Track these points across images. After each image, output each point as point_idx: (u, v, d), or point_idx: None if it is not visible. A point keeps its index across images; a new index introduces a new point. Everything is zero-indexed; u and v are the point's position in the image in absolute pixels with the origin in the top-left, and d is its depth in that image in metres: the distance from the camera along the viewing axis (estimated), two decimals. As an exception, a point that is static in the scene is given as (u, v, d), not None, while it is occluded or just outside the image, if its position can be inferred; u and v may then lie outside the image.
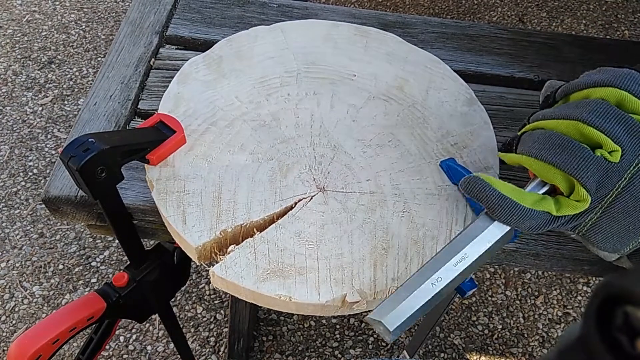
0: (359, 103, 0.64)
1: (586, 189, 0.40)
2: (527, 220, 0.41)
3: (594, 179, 0.40)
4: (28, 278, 1.31)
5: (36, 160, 1.51)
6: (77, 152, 0.46)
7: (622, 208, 0.40)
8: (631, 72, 0.40)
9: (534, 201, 0.42)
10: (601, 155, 0.40)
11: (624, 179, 0.40)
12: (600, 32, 2.01)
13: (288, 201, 0.54)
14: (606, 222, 0.41)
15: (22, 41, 1.80)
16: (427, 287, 0.42)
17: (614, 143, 0.39)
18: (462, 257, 0.43)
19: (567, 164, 0.40)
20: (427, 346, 1.26)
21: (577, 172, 0.40)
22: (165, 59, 0.78)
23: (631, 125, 0.39)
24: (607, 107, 0.40)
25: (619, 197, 0.40)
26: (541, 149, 0.42)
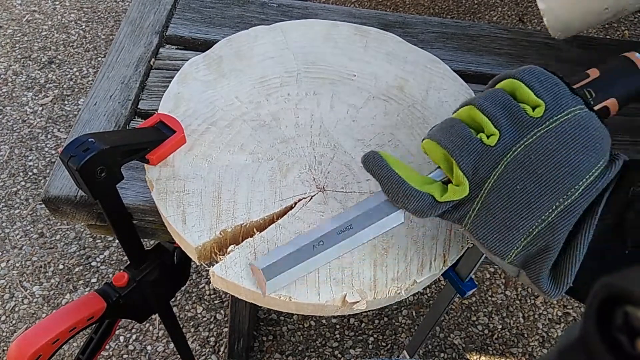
0: (359, 103, 0.64)
1: (462, 172, 0.39)
2: (412, 200, 0.40)
3: (469, 160, 0.39)
4: (28, 278, 1.31)
5: (36, 160, 1.51)
6: (77, 152, 0.46)
7: (498, 199, 0.39)
8: (533, 67, 0.41)
9: (422, 182, 0.41)
10: (479, 137, 0.39)
11: (500, 166, 0.39)
12: (600, 32, 2.01)
13: (288, 201, 0.54)
14: (486, 214, 0.39)
15: (22, 41, 1.81)
16: (309, 248, 0.42)
17: (493, 127, 0.39)
18: (347, 227, 0.43)
19: (446, 142, 0.40)
20: (427, 346, 1.26)
21: (453, 150, 0.40)
22: (165, 59, 0.78)
23: (515, 113, 0.39)
24: (498, 94, 0.40)
25: (495, 186, 0.39)
26: (434, 130, 0.43)
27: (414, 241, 0.52)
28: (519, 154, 0.38)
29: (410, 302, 1.33)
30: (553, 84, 0.40)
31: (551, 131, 0.38)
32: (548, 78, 0.40)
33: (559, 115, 0.38)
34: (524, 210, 0.38)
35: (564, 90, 0.40)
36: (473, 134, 0.40)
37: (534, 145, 0.38)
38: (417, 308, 1.32)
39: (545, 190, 0.38)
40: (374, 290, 0.49)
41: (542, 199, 0.38)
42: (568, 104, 0.39)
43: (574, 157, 0.38)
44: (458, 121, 0.41)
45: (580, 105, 0.39)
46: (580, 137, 0.38)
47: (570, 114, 0.38)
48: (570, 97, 0.39)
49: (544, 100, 0.39)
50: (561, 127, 0.38)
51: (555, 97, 0.39)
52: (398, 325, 1.28)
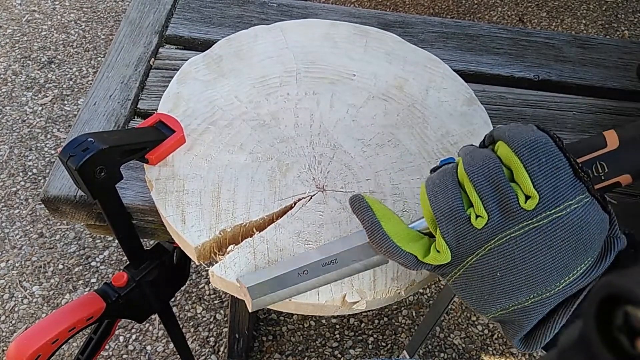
0: (359, 102, 0.63)
1: (445, 242, 0.38)
2: (395, 257, 0.40)
3: (453, 233, 0.38)
4: (28, 278, 1.31)
5: (36, 160, 1.51)
6: (76, 151, 0.46)
7: (478, 277, 0.39)
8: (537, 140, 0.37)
9: (407, 239, 0.41)
10: (469, 215, 0.38)
11: (483, 248, 0.38)
12: (600, 32, 2.01)
13: (287, 201, 0.54)
14: (466, 282, 0.40)
15: (22, 41, 1.80)
16: (293, 275, 0.43)
17: (482, 208, 0.37)
18: (332, 260, 0.43)
19: (436, 208, 0.39)
20: (427, 346, 1.26)
21: (439, 219, 0.39)
22: (164, 59, 0.78)
23: (506, 200, 0.37)
24: (493, 170, 0.37)
25: (476, 265, 0.38)
26: (430, 183, 0.41)
27: (413, 241, 0.52)
28: (503, 244, 0.37)
29: (410, 302, 1.33)
30: (554, 169, 0.36)
31: (539, 229, 0.36)
32: (551, 160, 0.36)
33: (552, 211, 0.36)
34: (501, 292, 0.38)
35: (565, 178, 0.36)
36: (463, 208, 0.38)
37: (519, 240, 0.37)
38: (417, 308, 1.32)
39: (524, 283, 0.37)
40: (373, 290, 0.49)
41: (520, 288, 0.38)
42: (565, 196, 0.36)
43: (559, 259, 0.37)
44: (454, 184, 0.39)
45: (581, 195, 0.36)
46: (569, 239, 0.36)
47: (564, 209, 0.36)
48: (571, 186, 0.36)
49: (540, 192, 0.36)
50: (551, 226, 0.36)
51: (554, 188, 0.36)
52: (398, 325, 1.28)
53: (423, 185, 0.41)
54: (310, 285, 0.44)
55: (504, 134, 0.38)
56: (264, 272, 0.44)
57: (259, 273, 0.44)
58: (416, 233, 0.42)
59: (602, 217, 0.37)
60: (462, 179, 0.39)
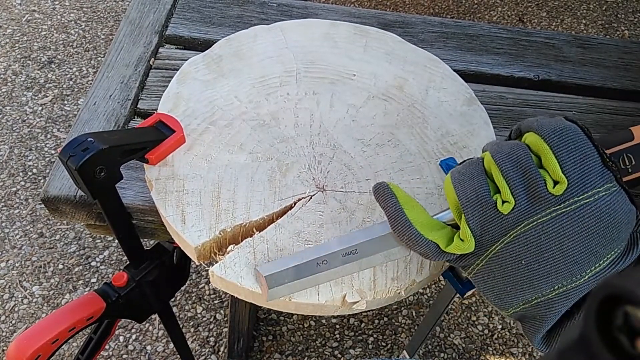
0: (359, 102, 0.63)
1: (470, 229, 0.38)
2: (417, 245, 0.40)
3: (478, 220, 0.38)
4: (28, 278, 1.31)
5: (36, 160, 1.51)
6: (76, 151, 0.46)
7: (502, 266, 0.38)
8: (567, 126, 0.37)
9: (430, 227, 0.40)
10: (495, 200, 0.37)
11: (509, 235, 0.37)
12: (600, 31, 2.01)
13: (287, 201, 0.54)
14: (488, 274, 0.39)
15: (22, 41, 1.80)
16: (312, 265, 0.43)
17: (510, 194, 0.37)
18: (352, 251, 0.43)
19: (462, 194, 0.39)
20: (427, 346, 1.26)
21: (465, 205, 0.38)
22: (164, 59, 0.78)
23: (534, 185, 0.36)
24: (521, 156, 0.37)
25: (500, 253, 0.38)
26: (455, 172, 0.41)
27: (413, 241, 0.52)
28: (529, 230, 0.37)
29: (410, 302, 1.33)
30: (583, 156, 0.36)
31: (567, 214, 0.36)
32: (579, 147, 0.36)
33: (580, 197, 0.36)
34: (525, 282, 0.38)
35: (593, 165, 0.36)
36: (489, 194, 0.38)
37: (546, 226, 0.36)
38: (417, 308, 1.32)
39: (550, 271, 0.37)
40: (373, 290, 0.49)
41: (545, 278, 0.37)
42: (594, 183, 0.36)
43: (586, 246, 0.36)
44: (480, 171, 0.39)
45: (609, 183, 0.36)
46: (597, 226, 0.36)
47: (593, 196, 0.36)
48: (599, 174, 0.36)
49: (568, 177, 0.36)
50: (579, 212, 0.36)
51: (582, 174, 0.36)
52: (398, 325, 1.28)
53: (448, 176, 0.41)
54: (330, 275, 0.43)
55: (533, 124, 0.38)
56: (282, 261, 0.43)
57: (277, 262, 0.43)
58: (440, 223, 0.41)
59: (630, 208, 0.37)
60: (488, 166, 0.39)
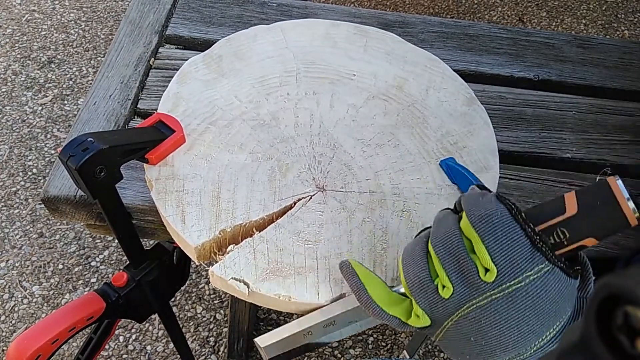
0: (359, 102, 0.63)
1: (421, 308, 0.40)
2: (381, 318, 0.42)
3: (425, 302, 0.40)
4: (28, 278, 1.31)
5: (35, 160, 1.51)
6: (76, 151, 0.46)
7: (457, 339, 0.40)
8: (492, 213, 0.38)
9: (390, 302, 0.43)
10: (436, 284, 0.40)
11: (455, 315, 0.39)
12: (600, 31, 2.01)
13: (287, 201, 0.54)
14: (448, 343, 0.42)
15: (22, 41, 1.80)
16: (299, 337, 0.48)
17: (447, 280, 0.39)
18: (331, 322, 0.48)
19: (407, 279, 0.41)
20: (427, 346, 1.26)
21: (411, 290, 0.41)
22: (164, 59, 0.77)
23: (467, 273, 0.38)
24: (454, 243, 0.39)
25: (452, 329, 0.40)
26: (405, 251, 0.43)
27: (413, 241, 0.52)
28: (470, 312, 0.39)
29: (410, 302, 1.33)
30: (510, 242, 0.37)
31: (501, 299, 0.37)
32: (506, 233, 0.37)
33: (511, 283, 0.37)
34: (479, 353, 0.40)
35: (521, 250, 0.37)
36: (430, 279, 0.40)
37: (484, 309, 0.38)
38: (416, 308, 1.32)
39: (497, 347, 0.39)
40: (373, 290, 0.49)
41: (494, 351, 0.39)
42: (523, 268, 0.37)
43: (524, 326, 0.38)
44: (422, 255, 0.41)
45: (540, 265, 0.37)
46: (532, 308, 0.37)
47: (523, 281, 0.37)
48: (528, 258, 0.37)
49: (497, 265, 0.37)
50: (512, 297, 0.37)
51: (510, 260, 0.37)
52: (398, 325, 1.28)
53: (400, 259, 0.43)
54: (315, 344, 0.49)
55: (465, 204, 0.40)
56: (276, 332, 0.48)
57: (272, 334, 0.48)
58: (398, 296, 0.44)
59: (566, 283, 0.38)
60: (430, 249, 0.41)
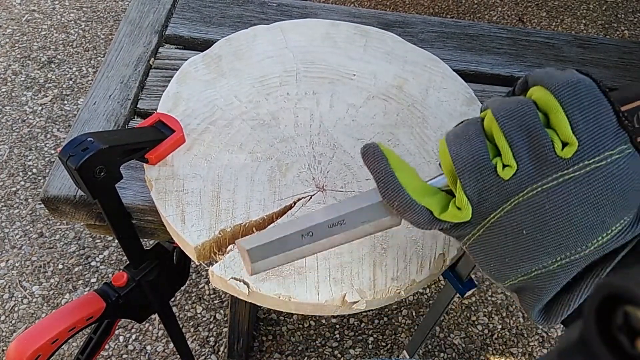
0: (359, 102, 0.63)
1: (467, 197, 0.35)
2: (409, 211, 0.36)
3: (476, 186, 0.35)
4: (27, 278, 1.31)
5: (35, 160, 1.51)
6: (76, 151, 0.46)
7: (501, 235, 0.35)
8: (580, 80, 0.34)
9: (423, 192, 0.37)
10: (495, 164, 0.34)
11: (509, 203, 0.34)
12: (600, 31, 2.01)
13: (287, 200, 0.54)
14: (486, 244, 0.36)
15: (22, 41, 1.80)
16: (297, 237, 0.40)
17: (512, 157, 0.33)
18: (340, 222, 0.40)
19: (457, 158, 0.35)
20: (427, 346, 1.26)
21: (462, 170, 0.35)
22: (164, 59, 0.77)
23: (540, 147, 0.33)
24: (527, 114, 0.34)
25: (500, 222, 0.35)
26: (451, 133, 0.37)
27: (413, 241, 0.52)
28: (533, 197, 0.33)
29: (410, 301, 1.33)
30: (597, 114, 0.33)
31: (576, 180, 0.33)
32: (593, 104, 0.33)
33: (591, 160, 0.32)
34: (525, 253, 0.35)
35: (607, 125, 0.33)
36: (488, 157, 0.34)
37: (552, 193, 0.33)
38: (416, 308, 1.32)
39: (553, 242, 0.34)
40: (373, 289, 0.49)
41: (548, 249, 0.34)
42: (607, 145, 0.33)
43: (594, 215, 0.33)
44: (478, 133, 0.35)
45: (622, 145, 0.33)
46: (608, 193, 0.33)
47: (605, 159, 0.33)
48: (613, 135, 0.33)
49: (579, 139, 0.32)
50: (589, 177, 0.33)
51: (595, 134, 0.32)
52: (398, 325, 1.28)
53: (443, 138, 0.37)
54: (316, 247, 0.41)
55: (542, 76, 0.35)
56: (265, 234, 0.41)
57: (260, 235, 0.41)
58: (434, 188, 0.38)
59: None
60: (489, 126, 0.35)
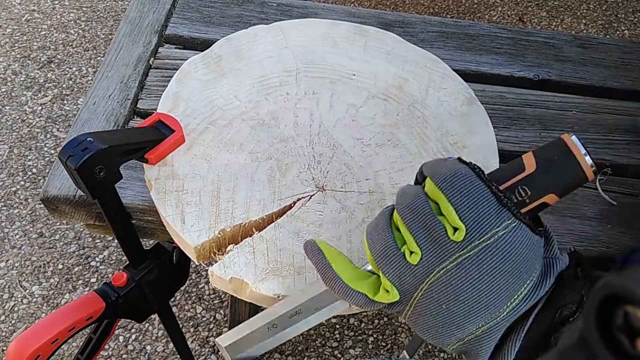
0: (359, 102, 0.63)
1: (389, 281, 0.39)
2: (347, 297, 0.41)
3: (393, 272, 0.39)
4: (27, 278, 1.31)
5: (35, 160, 1.51)
6: (76, 151, 0.46)
7: (427, 310, 0.39)
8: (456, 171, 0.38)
9: (356, 278, 0.41)
10: (403, 251, 0.39)
11: (425, 283, 0.38)
12: (600, 31, 2.01)
13: (287, 200, 0.54)
14: (418, 318, 0.40)
15: (22, 40, 1.80)
16: (264, 331, 0.45)
17: (415, 245, 0.38)
18: (297, 311, 0.45)
19: (372, 249, 0.40)
20: (427, 346, 1.25)
21: (377, 260, 0.39)
22: (164, 58, 0.77)
23: (435, 234, 0.37)
24: (420, 206, 0.38)
25: (423, 300, 0.39)
26: (369, 226, 0.42)
27: (413, 241, 0.52)
28: (440, 277, 0.38)
29: (410, 301, 1.33)
30: (477, 199, 0.37)
31: (471, 258, 0.37)
32: (472, 191, 0.37)
33: (480, 240, 0.37)
34: (452, 323, 0.39)
35: (488, 206, 0.37)
36: (396, 247, 0.39)
37: (455, 272, 0.37)
38: (416, 308, 1.32)
39: (470, 312, 0.38)
40: (373, 290, 0.49)
41: (468, 318, 0.38)
42: (491, 224, 0.37)
43: (496, 285, 0.37)
44: (386, 224, 0.40)
45: (507, 220, 0.37)
46: (503, 264, 0.37)
47: (491, 237, 0.37)
48: (495, 214, 0.37)
49: (465, 223, 0.37)
50: (482, 254, 0.37)
51: (478, 217, 0.37)
52: (398, 325, 1.28)
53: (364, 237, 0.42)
54: (282, 337, 0.46)
55: (430, 169, 0.39)
56: (237, 330, 0.46)
57: (233, 332, 0.46)
58: (365, 272, 0.42)
59: (533, 240, 0.38)
60: (396, 219, 0.40)
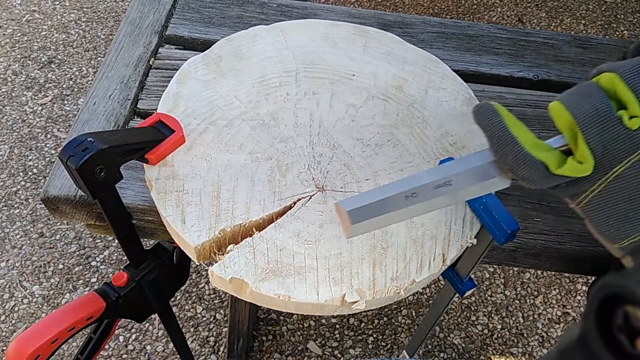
0: (358, 102, 0.64)
1: (590, 149, 0.34)
2: (523, 166, 0.35)
3: (599, 138, 0.34)
4: (28, 278, 1.31)
5: (36, 160, 1.51)
6: (76, 151, 0.46)
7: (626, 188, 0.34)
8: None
9: (538, 147, 0.36)
10: (620, 116, 0.33)
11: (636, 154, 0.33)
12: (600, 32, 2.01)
13: (287, 201, 0.54)
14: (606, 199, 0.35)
15: (22, 41, 1.80)
16: (400, 198, 0.39)
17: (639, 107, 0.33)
18: (446, 182, 0.39)
19: (577, 110, 0.34)
20: (426, 346, 1.26)
21: (583, 122, 0.34)
22: (164, 59, 0.78)
23: None
24: None
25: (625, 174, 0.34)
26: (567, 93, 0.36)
27: (413, 241, 0.52)
28: None
29: (410, 301, 1.33)
30: None
31: None
32: None
33: None
34: None
35: None
36: (613, 109, 0.34)
37: None
38: (416, 308, 1.32)
39: None
40: (373, 289, 0.49)
41: None
42: None
43: None
44: (597, 90, 0.35)
45: None
46: None
47: None
48: None
49: None
50: None
51: None
52: (398, 325, 1.28)
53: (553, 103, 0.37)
54: (419, 209, 0.39)
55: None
56: (365, 195, 0.39)
57: (361, 197, 0.39)
58: (547, 144, 0.37)
59: None
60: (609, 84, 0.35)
